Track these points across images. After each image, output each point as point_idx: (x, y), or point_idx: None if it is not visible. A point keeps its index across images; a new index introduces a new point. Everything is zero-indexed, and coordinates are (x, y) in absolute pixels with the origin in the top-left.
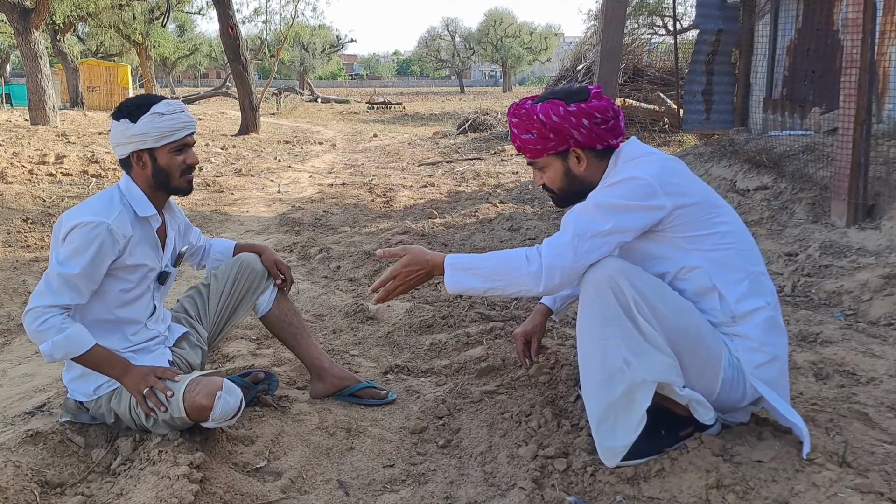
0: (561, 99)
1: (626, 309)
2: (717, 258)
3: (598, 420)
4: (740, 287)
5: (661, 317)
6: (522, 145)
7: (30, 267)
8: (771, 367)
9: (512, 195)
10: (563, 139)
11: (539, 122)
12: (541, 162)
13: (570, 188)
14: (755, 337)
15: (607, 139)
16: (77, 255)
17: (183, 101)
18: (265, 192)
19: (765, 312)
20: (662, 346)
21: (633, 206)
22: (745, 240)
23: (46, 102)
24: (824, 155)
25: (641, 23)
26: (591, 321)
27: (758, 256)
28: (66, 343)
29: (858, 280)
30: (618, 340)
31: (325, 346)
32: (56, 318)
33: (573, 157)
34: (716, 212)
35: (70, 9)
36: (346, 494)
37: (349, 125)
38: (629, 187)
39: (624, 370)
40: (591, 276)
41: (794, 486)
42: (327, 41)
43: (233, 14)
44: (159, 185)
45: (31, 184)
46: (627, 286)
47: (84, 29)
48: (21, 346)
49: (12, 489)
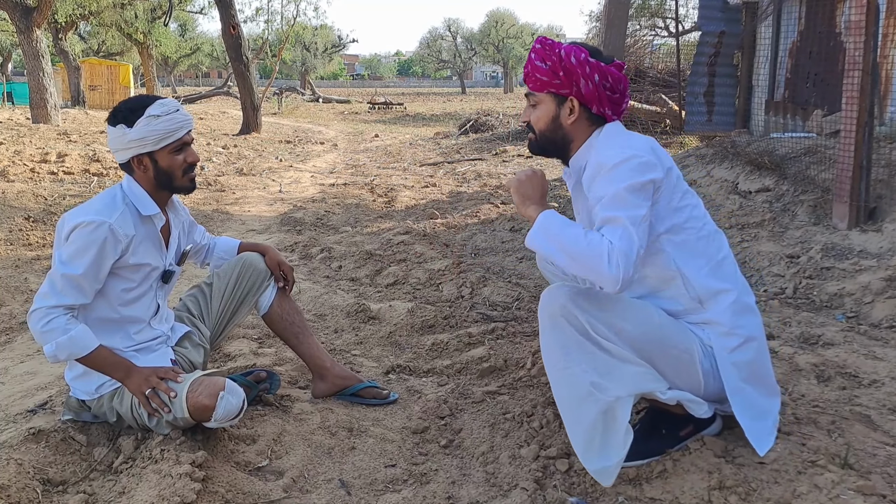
0: (587, 50)
1: (584, 333)
2: (680, 242)
3: (584, 446)
4: (703, 271)
5: (619, 331)
6: (531, 72)
7: (31, 265)
8: (746, 349)
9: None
10: (568, 82)
11: (557, 56)
12: (538, 96)
13: (551, 135)
14: (724, 321)
15: (605, 107)
16: (79, 255)
17: (184, 101)
18: (267, 191)
19: (731, 295)
20: (631, 358)
21: (646, 183)
22: (706, 226)
23: (48, 101)
24: (826, 157)
25: (643, 24)
26: (553, 352)
27: (721, 242)
28: (70, 344)
29: (860, 282)
30: (582, 366)
31: (327, 345)
32: (60, 318)
33: (567, 106)
34: (682, 196)
35: (72, 7)
36: (347, 494)
37: (350, 125)
38: (635, 166)
39: (593, 393)
40: (543, 311)
41: (796, 488)
42: (329, 41)
43: (235, 14)
44: (162, 186)
45: (32, 182)
46: (579, 311)
47: (86, 27)
48: (23, 344)
49: (15, 487)
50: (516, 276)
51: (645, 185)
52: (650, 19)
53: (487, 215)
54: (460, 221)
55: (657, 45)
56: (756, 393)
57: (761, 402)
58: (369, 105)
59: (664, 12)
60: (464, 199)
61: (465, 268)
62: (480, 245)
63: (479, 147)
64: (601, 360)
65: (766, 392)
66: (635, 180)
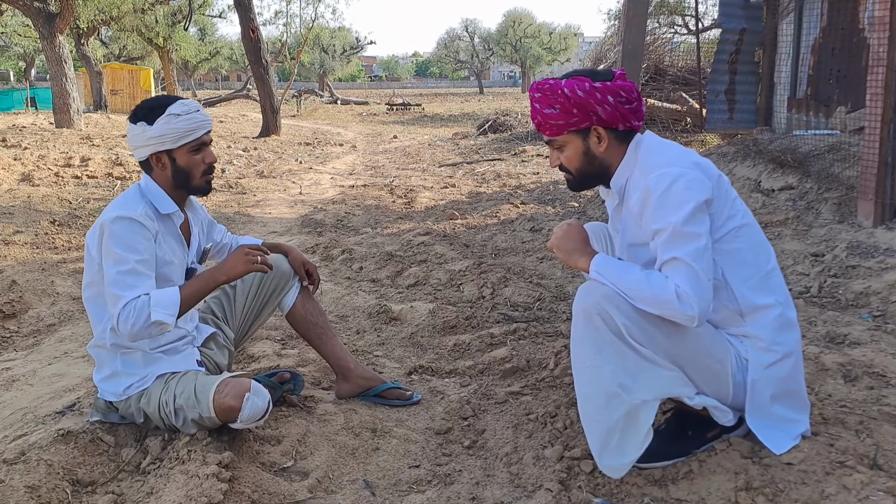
0: (587, 76)
1: (618, 333)
2: (728, 252)
3: (601, 444)
4: (749, 283)
5: (652, 336)
6: (543, 121)
7: (57, 268)
8: (782, 365)
9: (533, 196)
10: (586, 115)
11: (563, 97)
12: (560, 140)
13: (587, 169)
14: (765, 336)
15: (630, 120)
16: (124, 247)
17: (204, 104)
18: (287, 193)
19: (775, 310)
20: (662, 362)
21: (700, 205)
22: (756, 235)
23: (71, 106)
24: (850, 154)
25: (663, 22)
26: (585, 349)
27: (769, 253)
28: (165, 309)
29: (886, 281)
30: (612, 366)
31: (349, 346)
32: (134, 303)
33: (594, 137)
34: (733, 204)
35: (94, 13)
36: (372, 495)
37: (369, 126)
38: (683, 189)
39: (620, 394)
40: (578, 305)
41: (824, 489)
42: (347, 43)
43: (254, 17)
44: (179, 185)
45: (57, 186)
46: (615, 311)
47: (107, 33)
48: (50, 347)
49: (45, 487)
50: (537, 277)
51: (699, 209)
52: (669, 17)
53: (507, 215)
54: (480, 222)
55: (677, 42)
56: (783, 409)
57: (788, 417)
58: (387, 106)
59: (684, 10)
60: (483, 200)
61: (486, 268)
62: (501, 245)
63: (498, 147)
64: (632, 361)
65: (797, 406)
66: (688, 207)
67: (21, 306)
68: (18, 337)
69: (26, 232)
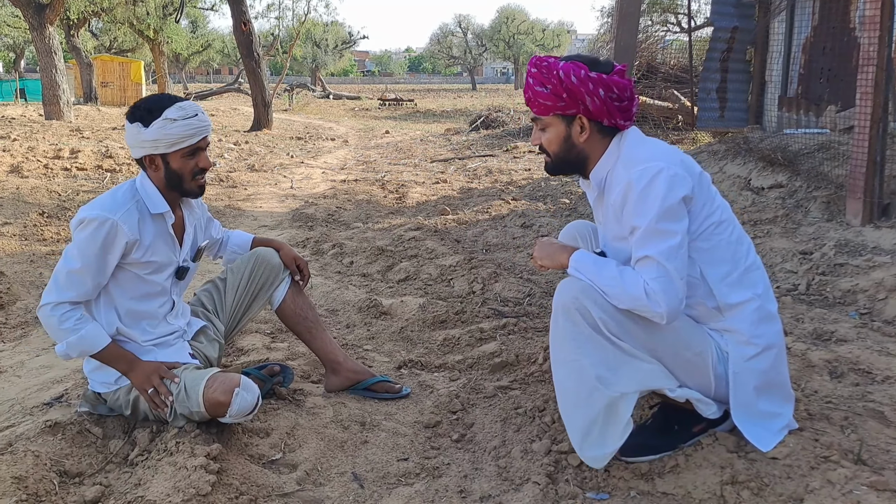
0: (586, 64)
1: (595, 328)
2: (706, 249)
3: (581, 436)
4: (728, 280)
5: (627, 331)
6: (533, 97)
7: (46, 260)
8: (763, 358)
9: (524, 192)
10: (574, 102)
11: (556, 79)
12: (545, 120)
13: (565, 156)
14: (745, 330)
15: (616, 117)
16: (81, 250)
17: (196, 97)
18: (278, 187)
19: (753, 304)
20: (641, 355)
21: (678, 202)
22: (735, 230)
23: (61, 97)
24: (840, 153)
25: (655, 20)
26: (564, 343)
27: (749, 248)
28: (81, 343)
29: (873, 279)
30: (592, 360)
31: (339, 340)
32: (71, 316)
33: (577, 125)
34: (713, 201)
35: (84, 4)
36: (360, 487)
37: (361, 122)
38: (664, 184)
39: (600, 388)
40: (558, 300)
41: (809, 483)
42: (339, 38)
43: (246, 10)
44: (171, 187)
45: (46, 178)
46: (592, 306)
47: (98, 24)
48: (38, 338)
49: (32, 478)
50: (527, 272)
51: (678, 205)
52: (662, 15)
53: (499, 211)
54: (471, 217)
55: (669, 40)
56: (768, 403)
57: (772, 411)
58: (380, 102)
59: (676, 8)
60: (475, 196)
61: (477, 264)
62: (491, 241)
63: (490, 143)
64: (612, 354)
65: (780, 398)
66: (667, 204)
67: (9, 298)
68: (6, 328)
69: (15, 223)
